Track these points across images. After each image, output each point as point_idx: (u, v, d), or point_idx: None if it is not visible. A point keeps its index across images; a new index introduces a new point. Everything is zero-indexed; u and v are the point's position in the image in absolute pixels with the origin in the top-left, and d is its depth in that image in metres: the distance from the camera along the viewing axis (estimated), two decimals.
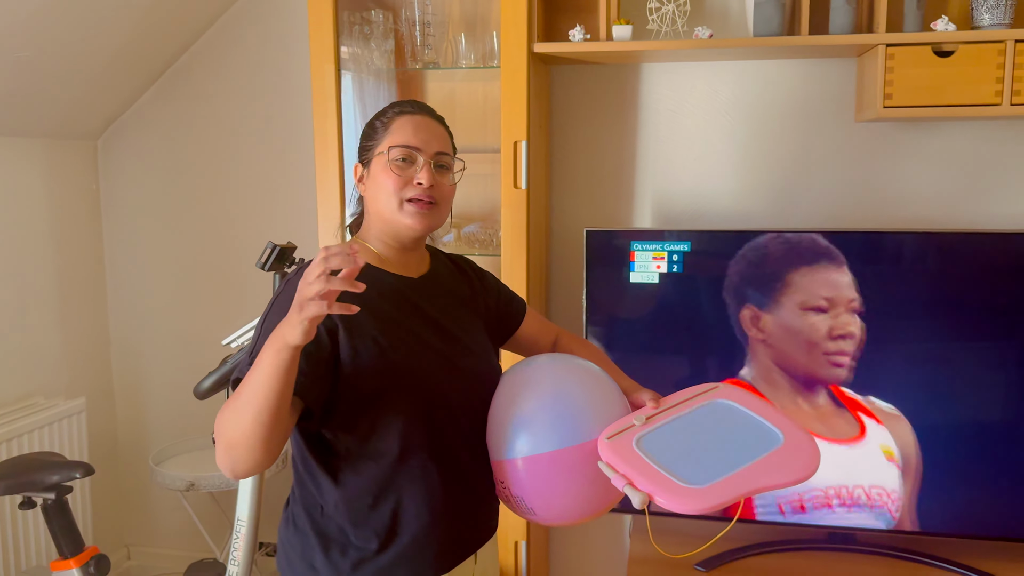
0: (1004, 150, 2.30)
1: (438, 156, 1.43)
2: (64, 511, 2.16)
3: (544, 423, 1.36)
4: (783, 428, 1.32)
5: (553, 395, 1.39)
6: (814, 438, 1.31)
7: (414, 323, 1.41)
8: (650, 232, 2.23)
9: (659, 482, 1.23)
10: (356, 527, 1.37)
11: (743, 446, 1.30)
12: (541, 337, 1.69)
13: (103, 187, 2.95)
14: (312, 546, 1.39)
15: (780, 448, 1.29)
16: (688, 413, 1.39)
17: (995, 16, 2.05)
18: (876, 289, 2.11)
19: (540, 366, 1.46)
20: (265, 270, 1.86)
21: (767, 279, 2.16)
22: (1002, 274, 2.07)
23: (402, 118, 1.43)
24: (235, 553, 2.11)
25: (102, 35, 2.44)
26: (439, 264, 1.57)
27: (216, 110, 2.81)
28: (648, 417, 1.36)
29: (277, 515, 2.94)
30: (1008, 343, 2.08)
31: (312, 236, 2.39)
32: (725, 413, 1.38)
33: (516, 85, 2.16)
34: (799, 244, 2.14)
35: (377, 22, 2.35)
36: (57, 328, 2.79)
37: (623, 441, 1.31)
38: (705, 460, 1.27)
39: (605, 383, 1.44)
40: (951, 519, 2.15)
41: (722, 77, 2.41)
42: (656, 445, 1.30)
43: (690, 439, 1.33)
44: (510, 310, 1.66)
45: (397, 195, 1.39)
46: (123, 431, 3.05)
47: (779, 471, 1.24)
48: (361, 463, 1.35)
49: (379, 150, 1.42)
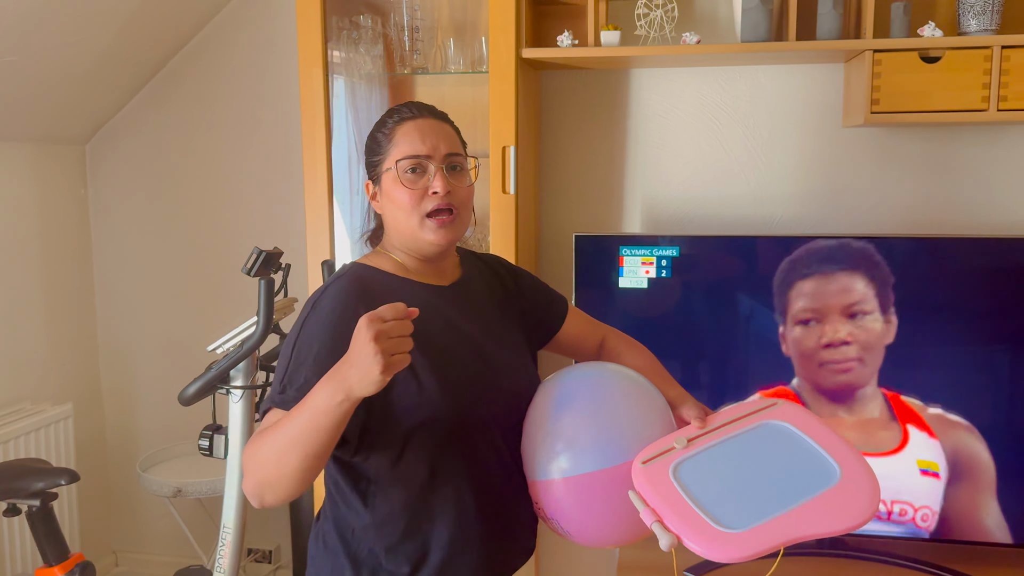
0: (990, 156, 2.31)
1: (449, 158, 1.34)
2: (49, 518, 2.14)
3: (579, 443, 1.27)
4: (842, 461, 1.18)
5: (590, 412, 1.30)
6: (874, 474, 1.16)
7: (446, 338, 1.33)
8: (639, 237, 2.23)
9: (692, 523, 1.11)
10: (387, 551, 1.31)
11: (793, 482, 1.16)
12: (586, 338, 1.58)
13: (91, 192, 2.93)
14: (342, 567, 1.33)
15: (835, 487, 1.15)
16: (736, 436, 1.24)
17: (982, 22, 2.05)
18: (900, 294, 2.11)
19: (578, 378, 1.36)
20: (251, 276, 1.85)
21: (756, 284, 2.16)
22: (989, 279, 2.07)
23: (404, 125, 1.35)
24: (221, 560, 2.10)
25: (90, 39, 2.43)
26: (470, 268, 1.48)
27: (205, 115, 2.80)
28: (691, 439, 1.23)
29: (264, 522, 2.93)
30: (1000, 348, 2.09)
31: (300, 241, 2.38)
32: (778, 438, 1.24)
33: (504, 90, 2.16)
34: (788, 249, 2.14)
35: (366, 27, 2.35)
36: (44, 333, 2.77)
37: (659, 468, 1.18)
38: (748, 497, 1.14)
39: (648, 397, 1.33)
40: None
41: (710, 83, 2.42)
42: (695, 475, 1.17)
43: (734, 470, 1.19)
44: (550, 311, 1.56)
45: (415, 211, 1.31)
46: (110, 437, 3.04)
47: (830, 516, 1.11)
48: (392, 488, 1.30)
49: (386, 165, 1.34)
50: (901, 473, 2.13)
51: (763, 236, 2.16)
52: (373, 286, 1.33)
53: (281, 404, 1.21)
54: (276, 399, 1.23)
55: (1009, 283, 2.07)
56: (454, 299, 1.40)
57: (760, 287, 2.16)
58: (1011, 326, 2.08)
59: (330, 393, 1.08)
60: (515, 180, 2.18)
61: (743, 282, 2.16)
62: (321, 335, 1.24)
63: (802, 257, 2.13)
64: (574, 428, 1.29)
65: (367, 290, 1.31)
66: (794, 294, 2.14)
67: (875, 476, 1.16)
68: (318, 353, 1.22)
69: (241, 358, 1.96)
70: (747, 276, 2.16)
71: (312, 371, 1.20)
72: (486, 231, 2.39)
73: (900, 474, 2.13)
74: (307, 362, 1.23)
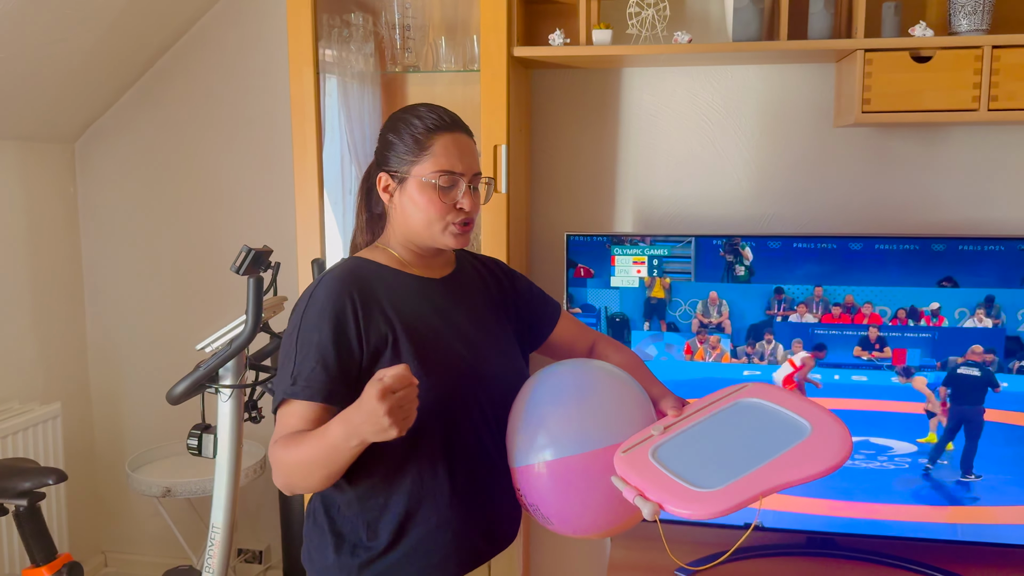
0: (981, 156, 2.31)
1: (475, 178, 1.42)
2: (36, 518, 2.13)
3: (559, 429, 1.32)
4: (812, 418, 1.23)
5: (572, 400, 1.35)
6: (844, 425, 1.20)
7: (434, 324, 1.40)
8: (631, 236, 2.23)
9: (671, 490, 1.16)
10: (368, 527, 1.37)
11: (766, 443, 1.21)
12: (577, 342, 1.64)
13: (80, 190, 2.92)
14: (327, 543, 1.40)
15: (807, 439, 1.20)
16: (710, 417, 1.31)
17: (972, 22, 2.06)
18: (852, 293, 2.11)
19: (562, 371, 1.41)
20: (240, 274, 1.83)
21: (746, 283, 2.16)
22: (983, 278, 2.08)
23: (443, 137, 1.39)
24: (210, 560, 2.08)
25: (79, 36, 2.42)
26: (465, 264, 1.55)
27: (195, 113, 2.78)
28: (667, 426, 1.30)
29: (255, 522, 2.92)
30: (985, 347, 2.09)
31: (291, 239, 2.37)
32: (750, 412, 1.30)
33: (496, 89, 2.15)
34: (778, 249, 2.14)
35: (357, 25, 2.34)
36: (33, 332, 2.75)
37: (638, 453, 1.24)
38: (724, 462, 1.19)
39: (627, 386, 1.39)
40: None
41: (702, 82, 2.41)
42: (672, 453, 1.23)
43: (709, 443, 1.25)
44: (544, 315, 1.62)
45: (442, 221, 1.39)
46: (99, 437, 3.02)
47: (804, 463, 1.16)
48: (372, 462, 1.34)
49: (420, 172, 1.38)
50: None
51: (754, 235, 2.16)
52: (366, 275, 1.40)
53: (294, 396, 1.31)
54: (289, 391, 1.31)
55: (999, 281, 2.07)
56: (445, 290, 1.46)
57: (751, 286, 2.16)
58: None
59: (345, 436, 1.20)
60: (507, 179, 2.18)
61: (735, 282, 2.16)
62: (320, 325, 1.32)
63: (794, 257, 2.13)
64: (555, 415, 1.33)
65: (359, 278, 1.38)
66: (784, 291, 2.14)
67: (845, 426, 1.20)
68: (320, 342, 1.31)
69: (229, 357, 1.95)
70: (739, 275, 2.16)
71: (318, 361, 1.30)
72: (478, 230, 2.38)
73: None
74: (312, 352, 1.31)
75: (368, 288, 1.37)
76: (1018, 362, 2.08)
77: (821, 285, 2.14)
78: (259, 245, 1.91)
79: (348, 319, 1.33)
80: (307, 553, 1.45)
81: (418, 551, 1.37)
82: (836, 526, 2.18)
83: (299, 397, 1.30)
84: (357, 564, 1.37)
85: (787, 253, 2.15)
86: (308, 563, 1.45)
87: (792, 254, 2.15)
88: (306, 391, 1.29)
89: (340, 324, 1.32)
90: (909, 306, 2.11)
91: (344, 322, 1.32)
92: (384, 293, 1.38)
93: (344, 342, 1.32)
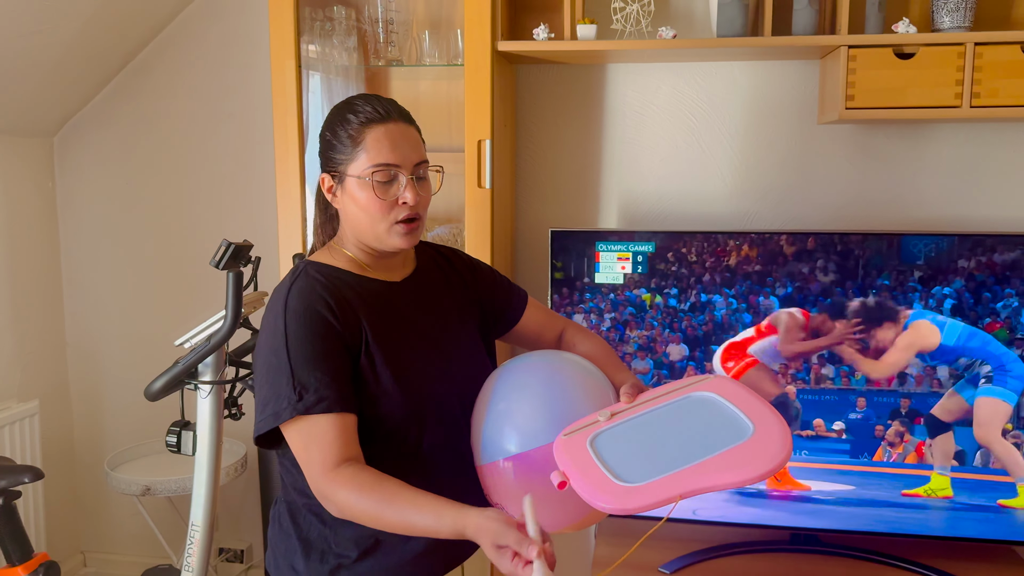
0: (963, 152, 2.32)
1: (417, 168, 1.35)
2: (12, 517, 2.09)
3: (517, 425, 1.31)
4: (757, 420, 1.20)
5: (527, 396, 1.34)
6: (788, 433, 1.17)
7: (400, 332, 1.37)
8: (615, 233, 2.22)
9: (593, 479, 1.14)
10: (336, 533, 1.35)
11: (703, 442, 1.18)
12: (545, 330, 1.61)
13: (59, 185, 2.88)
14: (294, 549, 1.37)
15: (744, 443, 1.16)
16: (657, 408, 1.28)
17: (955, 19, 2.06)
18: (837, 289, 2.12)
19: (519, 367, 1.40)
20: (220, 268, 1.81)
21: (730, 280, 2.16)
22: (967, 275, 2.08)
23: (373, 130, 1.32)
24: (189, 559, 2.06)
25: (57, 28, 2.38)
26: (425, 260, 1.51)
27: (175, 107, 2.75)
28: (614, 413, 1.28)
29: (236, 521, 2.89)
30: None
31: (272, 235, 2.34)
32: (699, 407, 1.27)
33: (480, 84, 2.14)
34: (763, 245, 2.14)
35: (339, 19, 2.32)
36: (10, 328, 2.71)
37: (578, 439, 1.24)
38: (653, 457, 1.17)
39: (587, 379, 1.37)
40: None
41: (687, 79, 2.41)
42: (610, 443, 1.22)
43: (649, 436, 1.23)
44: (509, 304, 1.59)
45: (384, 220, 1.33)
46: (78, 435, 2.98)
47: (733, 468, 1.13)
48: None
49: (354, 171, 1.33)
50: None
51: (738, 232, 2.15)
52: (332, 282, 1.36)
53: (306, 411, 1.25)
54: (299, 407, 1.25)
55: (984, 278, 2.08)
56: (407, 294, 1.43)
57: (735, 283, 2.16)
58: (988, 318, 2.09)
59: (452, 534, 1.17)
60: (491, 174, 2.17)
61: (719, 278, 2.16)
62: (308, 336, 1.29)
63: (780, 252, 2.13)
64: (512, 412, 1.33)
65: (326, 285, 1.35)
66: (767, 288, 2.14)
67: (788, 434, 1.17)
68: (313, 352, 1.27)
69: (208, 352, 1.93)
70: (723, 272, 2.16)
71: (322, 370, 1.27)
72: (461, 226, 2.37)
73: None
74: (310, 363, 1.27)
75: (337, 291, 1.34)
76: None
77: (804, 282, 2.14)
78: (239, 240, 1.89)
79: (332, 323, 1.30)
80: (272, 559, 1.42)
81: (390, 556, 1.35)
82: (820, 522, 2.18)
83: (315, 412, 1.25)
84: (327, 570, 1.35)
85: (770, 249, 2.15)
86: (274, 570, 1.41)
87: (776, 250, 2.15)
88: (317, 405, 1.25)
89: (321, 332, 1.29)
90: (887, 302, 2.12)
91: (330, 326, 1.30)
92: (352, 297, 1.35)
93: (336, 346, 1.30)
